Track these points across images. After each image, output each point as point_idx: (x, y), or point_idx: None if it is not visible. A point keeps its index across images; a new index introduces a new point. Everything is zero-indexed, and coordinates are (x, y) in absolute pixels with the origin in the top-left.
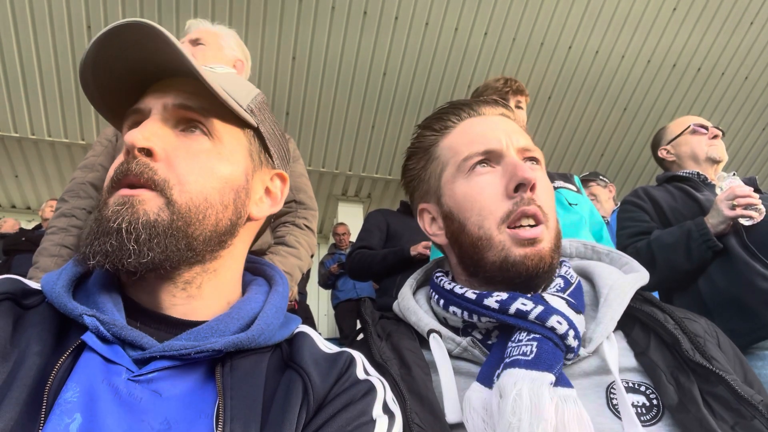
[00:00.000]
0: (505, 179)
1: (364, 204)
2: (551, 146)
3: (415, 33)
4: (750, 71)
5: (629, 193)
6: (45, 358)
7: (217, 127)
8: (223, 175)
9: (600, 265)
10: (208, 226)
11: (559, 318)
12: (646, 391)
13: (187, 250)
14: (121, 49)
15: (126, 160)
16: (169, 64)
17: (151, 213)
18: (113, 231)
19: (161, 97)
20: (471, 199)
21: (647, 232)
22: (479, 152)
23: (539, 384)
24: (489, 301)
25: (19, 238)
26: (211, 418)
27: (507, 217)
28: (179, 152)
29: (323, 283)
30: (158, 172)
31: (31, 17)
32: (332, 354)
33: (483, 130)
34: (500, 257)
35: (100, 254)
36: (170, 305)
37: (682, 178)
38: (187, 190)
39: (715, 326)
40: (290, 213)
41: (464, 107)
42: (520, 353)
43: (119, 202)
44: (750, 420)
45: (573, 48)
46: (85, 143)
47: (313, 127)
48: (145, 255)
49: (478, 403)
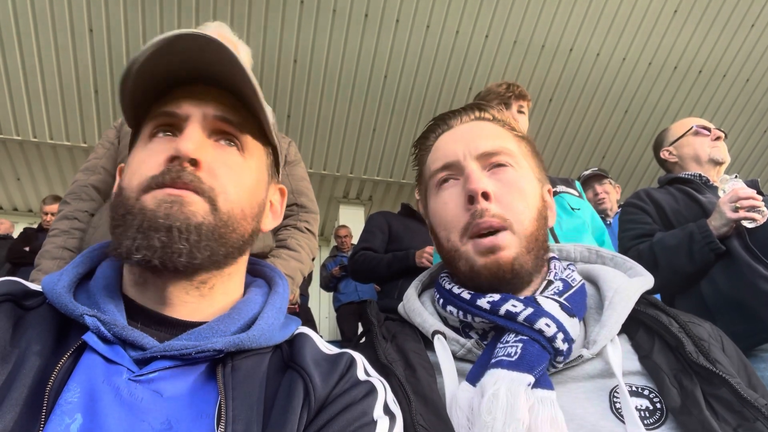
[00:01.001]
0: (463, 191)
1: (365, 206)
2: (552, 149)
3: (417, 36)
4: (751, 73)
5: (631, 195)
6: (45, 359)
7: (248, 142)
8: (252, 188)
9: (604, 269)
10: (241, 235)
11: (548, 321)
12: (650, 394)
13: (224, 256)
14: (173, 55)
15: (173, 168)
16: (221, 77)
17: (199, 215)
18: (162, 227)
19: (201, 105)
20: (438, 214)
21: (649, 234)
22: (439, 168)
23: (517, 385)
24: (481, 301)
25: (22, 249)
26: (212, 418)
27: (467, 229)
28: (219, 163)
29: (325, 286)
30: (205, 181)
31: (33, 20)
32: (333, 355)
33: (446, 143)
34: (467, 266)
35: (146, 249)
36: (180, 303)
37: (684, 180)
38: (230, 199)
39: (720, 331)
40: (292, 216)
41: (440, 122)
42: (505, 354)
43: (167, 200)
44: (753, 422)
45: (574, 51)
46: (86, 146)
47: (315, 130)
48: (195, 256)
49: (464, 402)
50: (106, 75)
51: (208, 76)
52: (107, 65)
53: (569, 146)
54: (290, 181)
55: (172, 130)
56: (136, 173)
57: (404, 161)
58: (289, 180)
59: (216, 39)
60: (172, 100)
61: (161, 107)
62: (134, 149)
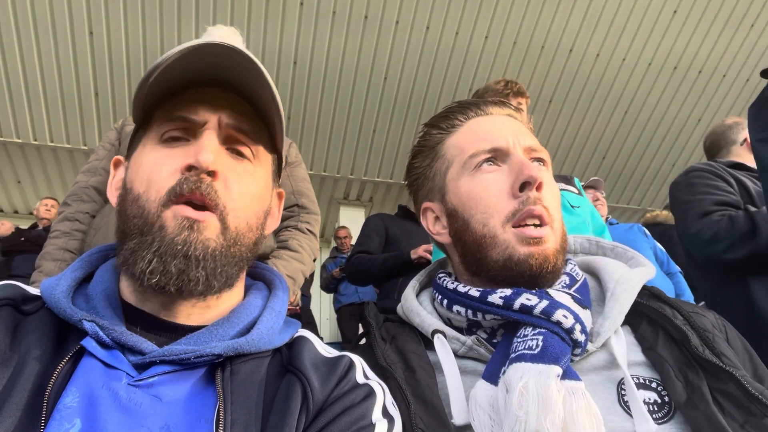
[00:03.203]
0: (511, 177)
1: (365, 208)
2: (552, 150)
3: (416, 37)
4: (751, 73)
5: (701, 162)
6: (45, 364)
7: (258, 151)
8: (259, 197)
9: (605, 260)
10: (247, 247)
11: (565, 312)
12: (658, 387)
13: (237, 273)
14: (197, 57)
15: (190, 178)
16: (238, 83)
17: (212, 241)
18: (179, 254)
19: (215, 111)
20: (476, 197)
21: (735, 205)
22: (485, 150)
23: (546, 376)
24: (493, 297)
25: (18, 239)
26: (211, 422)
27: (513, 216)
28: (232, 174)
29: (325, 287)
30: (219, 195)
31: (33, 23)
32: (332, 358)
33: (490, 128)
34: (504, 255)
35: (163, 274)
36: (184, 314)
37: (753, 170)
38: (238, 215)
39: (723, 320)
40: (293, 217)
41: (472, 106)
42: (525, 347)
43: (183, 224)
44: (761, 419)
45: (574, 51)
46: (87, 148)
47: (315, 132)
48: (212, 284)
49: (484, 401)
50: (106, 77)
51: (224, 81)
52: (107, 67)
53: (569, 147)
54: (291, 183)
55: (184, 133)
56: (152, 181)
57: (404, 162)
58: (290, 181)
59: (248, 55)
60: (187, 103)
61: (176, 110)
62: (141, 147)
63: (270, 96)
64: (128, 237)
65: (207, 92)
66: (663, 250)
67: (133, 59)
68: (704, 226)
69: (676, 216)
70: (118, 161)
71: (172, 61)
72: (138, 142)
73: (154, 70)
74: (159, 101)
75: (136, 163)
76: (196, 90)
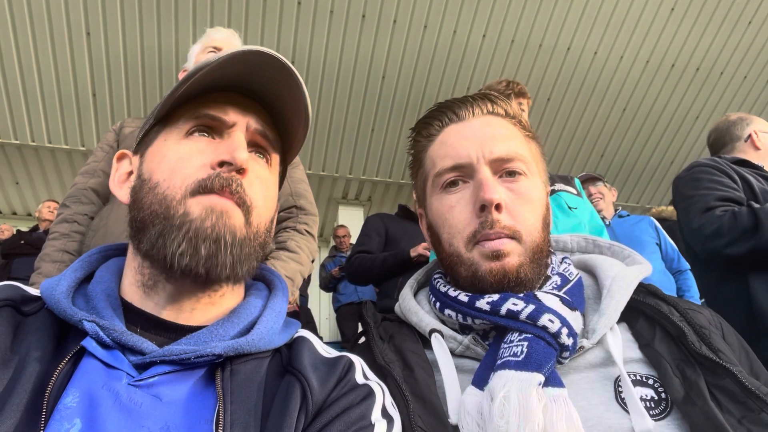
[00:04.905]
0: (474, 196)
1: (364, 207)
2: (551, 147)
3: (414, 36)
4: (749, 70)
5: (706, 158)
6: (45, 364)
7: (275, 160)
8: (273, 200)
9: (601, 258)
10: (262, 247)
11: (551, 316)
12: (654, 383)
13: (255, 266)
14: (236, 63)
15: (222, 173)
16: (268, 94)
17: (239, 229)
18: (209, 238)
19: (244, 115)
20: (442, 217)
21: (738, 202)
22: (448, 167)
23: (527, 385)
24: (481, 303)
25: (18, 242)
26: (210, 423)
27: (474, 237)
28: (255, 175)
29: (324, 287)
30: (247, 192)
31: (31, 24)
32: (331, 358)
33: (456, 140)
34: (470, 272)
35: (192, 257)
36: (187, 310)
37: (757, 167)
38: (259, 213)
39: (719, 317)
40: (291, 218)
41: (447, 111)
42: (510, 354)
43: (213, 210)
44: (758, 414)
45: (571, 49)
46: (85, 149)
47: (313, 131)
48: (237, 271)
49: (472, 407)
50: (103, 78)
51: (251, 88)
52: (105, 68)
53: (567, 145)
54: (289, 184)
55: (210, 131)
56: (177, 171)
57: (403, 161)
58: (288, 182)
59: (290, 66)
60: (216, 104)
61: (203, 109)
62: (162, 140)
63: (302, 107)
64: (150, 224)
65: (233, 97)
66: (674, 247)
67: (130, 60)
68: (707, 221)
69: (678, 210)
70: (123, 154)
71: (217, 65)
72: (156, 136)
73: (199, 69)
74: (185, 100)
75: (158, 155)
76: (222, 93)
